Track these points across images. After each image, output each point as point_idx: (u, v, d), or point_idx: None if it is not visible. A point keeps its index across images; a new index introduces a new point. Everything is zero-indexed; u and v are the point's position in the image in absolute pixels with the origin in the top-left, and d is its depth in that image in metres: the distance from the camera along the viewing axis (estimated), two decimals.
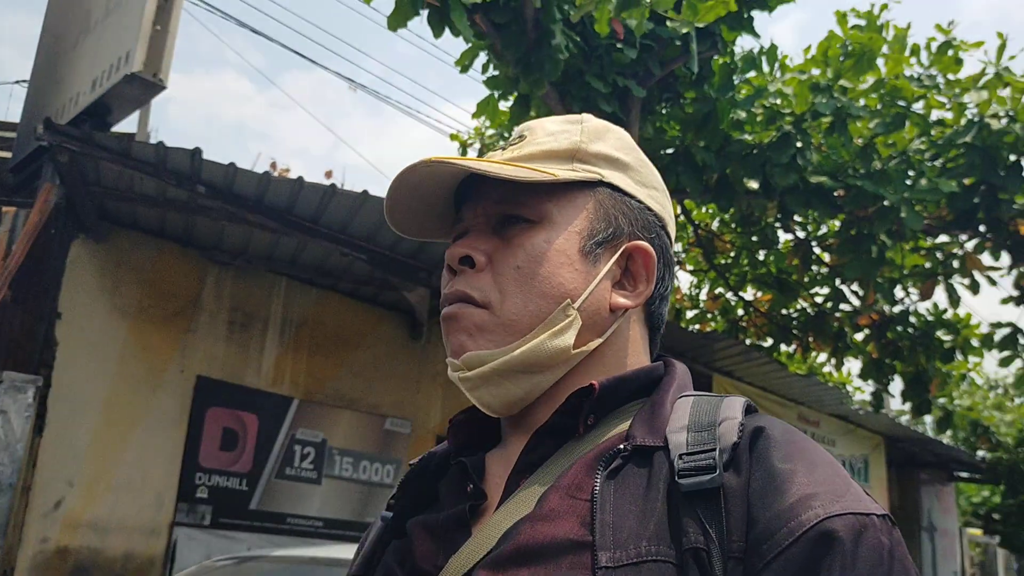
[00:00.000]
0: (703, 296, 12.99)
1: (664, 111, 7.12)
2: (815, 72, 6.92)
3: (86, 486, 6.64)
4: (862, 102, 6.95)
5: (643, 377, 0.91)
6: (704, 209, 10.81)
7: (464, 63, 6.64)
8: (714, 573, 0.72)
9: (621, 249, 0.94)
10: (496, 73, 6.56)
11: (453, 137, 10.74)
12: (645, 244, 0.95)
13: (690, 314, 13.09)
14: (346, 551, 3.98)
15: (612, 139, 0.98)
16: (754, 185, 7.23)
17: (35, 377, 5.88)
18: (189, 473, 7.23)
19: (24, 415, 5.81)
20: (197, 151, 5.74)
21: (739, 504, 0.74)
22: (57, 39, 7.23)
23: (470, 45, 6.36)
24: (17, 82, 9.99)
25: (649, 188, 0.99)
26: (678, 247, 11.63)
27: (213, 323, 7.50)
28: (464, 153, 10.55)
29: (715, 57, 6.35)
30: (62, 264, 6.56)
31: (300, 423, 7.96)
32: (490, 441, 0.96)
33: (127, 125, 7.94)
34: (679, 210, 10.05)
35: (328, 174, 13.45)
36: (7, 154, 8.38)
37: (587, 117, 0.99)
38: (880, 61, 7.20)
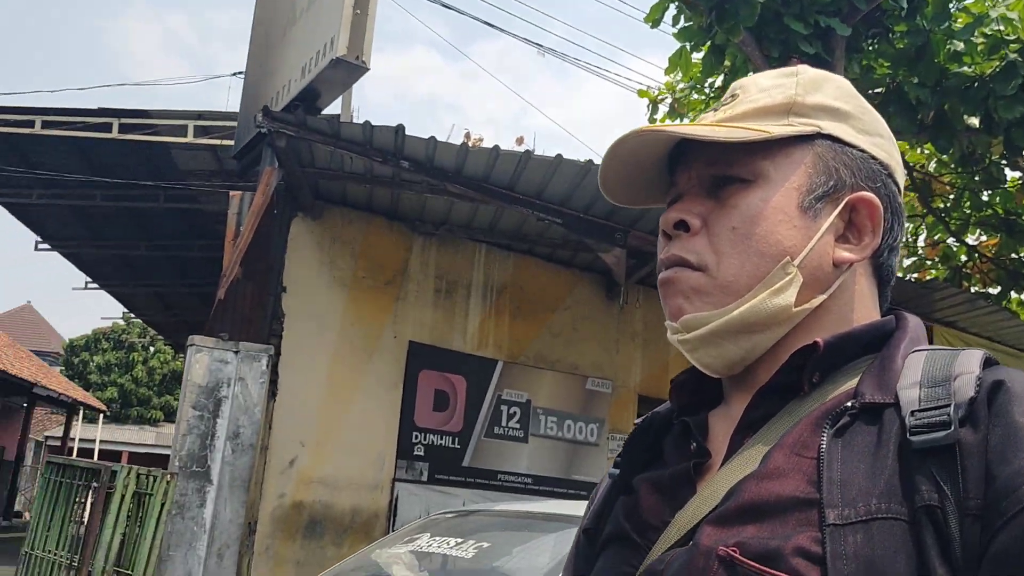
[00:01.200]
0: (921, 243, 12.15)
1: (871, 48, 6.67)
2: None
3: (316, 445, 7.19)
4: None
5: (872, 332, 0.88)
6: (919, 150, 10.07)
7: (654, 17, 6.50)
8: (950, 531, 0.70)
9: (844, 201, 0.90)
10: (688, 24, 6.39)
11: (642, 94, 10.56)
12: (870, 195, 0.91)
13: (907, 262, 12.31)
14: (558, 506, 4.09)
15: (831, 88, 0.94)
16: (975, 121, 6.64)
17: (267, 347, 6.41)
18: (406, 433, 7.66)
19: (259, 381, 6.36)
20: (400, 128, 5.99)
21: (977, 461, 0.71)
22: (267, 31, 7.73)
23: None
24: (234, 74, 10.77)
25: (873, 136, 0.94)
26: None
27: (420, 291, 7.86)
28: (655, 110, 10.37)
29: None
30: (284, 242, 7.07)
31: (505, 384, 8.21)
32: (712, 400, 0.95)
33: (330, 107, 8.41)
34: None
35: (519, 140, 13.65)
36: (229, 142, 9.10)
37: (802, 68, 0.95)
38: None
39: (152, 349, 33.48)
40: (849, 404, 0.80)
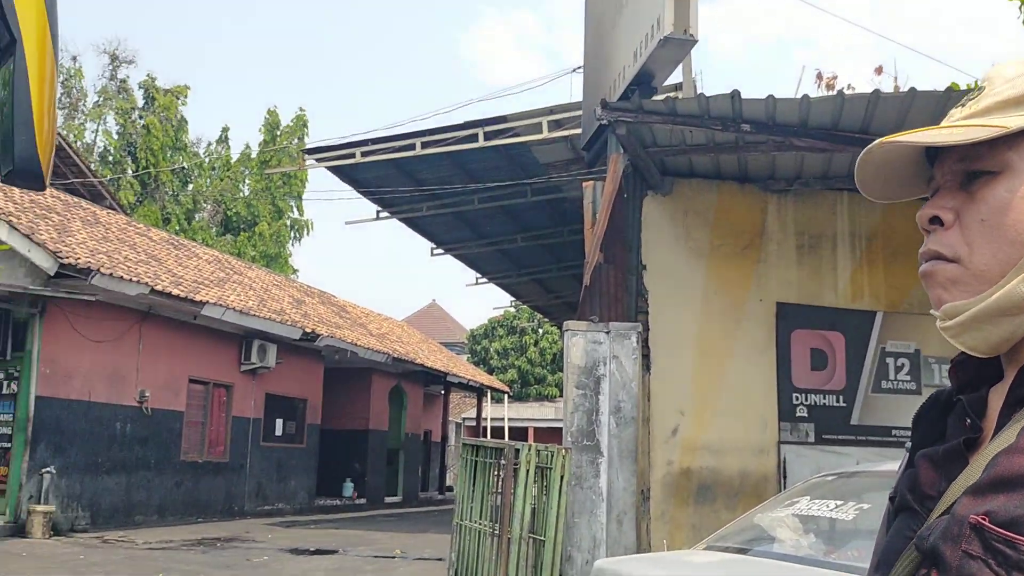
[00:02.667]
0: None
1: None
2: None
3: (695, 413, 7.40)
4: None
5: None
6: None
7: None
8: None
9: None
10: None
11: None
12: None
13: None
14: None
15: None
16: None
17: (635, 324, 6.75)
18: (786, 394, 7.58)
19: (632, 357, 6.72)
20: (735, 93, 5.97)
21: None
22: (598, 23, 8.05)
23: None
24: (574, 70, 11.31)
25: None
26: None
27: (781, 250, 7.72)
28: None
29: None
30: (638, 221, 7.35)
31: (888, 335, 7.77)
32: (993, 377, 0.99)
33: (673, 77, 8.52)
34: None
35: (878, 70, 12.63)
36: (579, 131, 9.60)
37: None
38: None
39: (541, 331, 36.05)
40: None
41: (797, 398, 7.61)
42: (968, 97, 0.98)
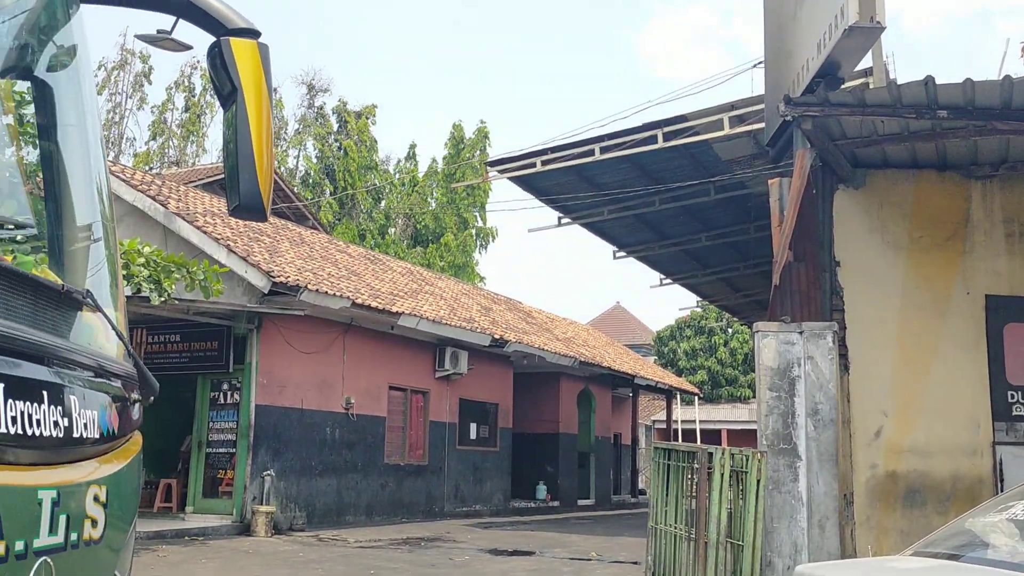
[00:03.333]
0: None
1: None
2: None
3: (898, 414, 7.09)
4: None
5: None
6: None
7: None
8: None
9: None
10: None
11: None
12: None
13: None
14: None
15: None
16: None
17: (830, 323, 6.56)
18: (999, 392, 7.13)
19: (828, 357, 6.53)
20: (929, 80, 5.70)
21: None
22: (779, 16, 7.88)
23: None
24: (755, 64, 11.06)
25: None
26: None
27: (989, 240, 7.26)
28: None
29: None
30: (829, 217, 7.14)
31: None
32: None
33: (862, 63, 8.18)
34: None
35: None
36: (761, 124, 9.40)
37: None
38: None
39: (730, 331, 35.26)
40: None
41: (1013, 396, 7.13)
42: None
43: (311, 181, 31.18)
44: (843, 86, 6.77)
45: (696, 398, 30.18)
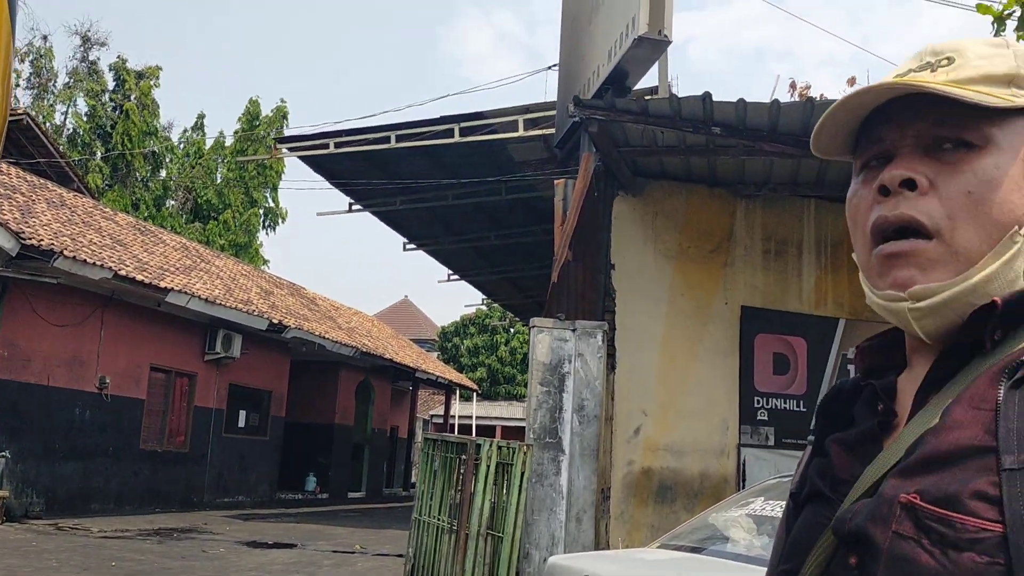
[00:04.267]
0: None
1: None
2: None
3: (658, 414, 7.42)
4: None
5: None
6: None
7: None
8: None
9: None
10: None
11: (983, 9, 9.34)
12: None
13: None
14: None
15: None
16: None
17: (601, 323, 6.75)
18: (747, 398, 7.63)
19: (597, 356, 6.71)
20: (707, 96, 5.98)
21: None
22: (574, 21, 8.05)
23: None
24: (549, 67, 11.29)
25: None
26: None
27: (749, 255, 7.76)
28: (1001, 26, 9.19)
29: None
30: (608, 221, 7.35)
31: (849, 342, 7.83)
32: (898, 364, 0.97)
33: (648, 81, 8.52)
34: None
35: (851, 81, 12.74)
36: (551, 130, 9.59)
37: (1011, 41, 0.94)
38: None
39: (512, 331, 36.06)
40: None
41: (759, 401, 7.65)
42: (930, 63, 0.94)
43: (80, 141, 28.73)
44: (628, 97, 7.00)
45: (475, 394, 30.58)
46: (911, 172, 0.88)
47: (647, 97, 8.47)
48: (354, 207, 16.19)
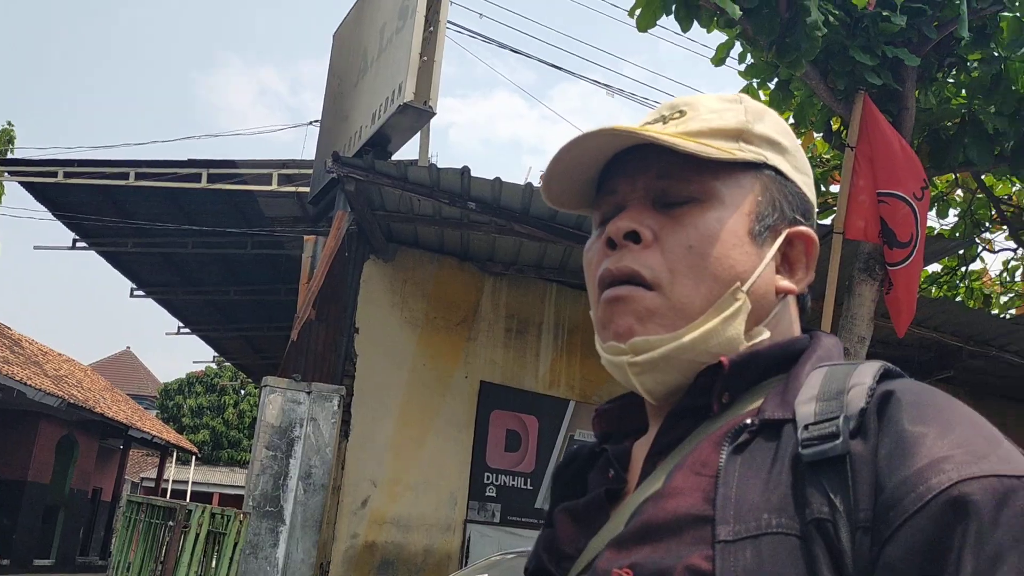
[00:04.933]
0: (1018, 278, 11.63)
1: (946, 78, 6.49)
2: None
3: (388, 485, 7.24)
4: None
5: (780, 350, 0.86)
6: (1012, 183, 9.66)
7: (720, 56, 6.46)
8: (840, 544, 0.68)
9: (784, 234, 0.90)
10: (752, 61, 6.32)
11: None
12: (807, 230, 0.92)
13: (1004, 299, 11.78)
14: None
15: (771, 121, 0.94)
16: None
17: (338, 387, 6.52)
18: (478, 473, 7.65)
19: (331, 421, 6.46)
20: (466, 170, 6.08)
21: (866, 472, 0.69)
22: (341, 80, 7.97)
23: (725, 39, 6.19)
24: (311, 123, 11.13)
25: (803, 174, 0.95)
26: (985, 227, 10.49)
27: (492, 331, 7.89)
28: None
29: (1001, 12, 5.68)
30: (357, 283, 7.21)
31: (577, 424, 8.14)
32: (638, 429, 0.94)
33: (409, 153, 8.59)
34: (976, 185, 9.09)
35: None
36: (306, 188, 9.37)
37: (744, 97, 0.95)
38: None
39: (243, 392, 34.38)
40: (749, 421, 0.79)
41: (489, 477, 7.69)
42: (669, 116, 0.93)
43: None
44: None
45: (194, 457, 28.64)
46: (635, 224, 0.87)
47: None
48: (79, 244, 14.85)
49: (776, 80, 6.42)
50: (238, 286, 15.96)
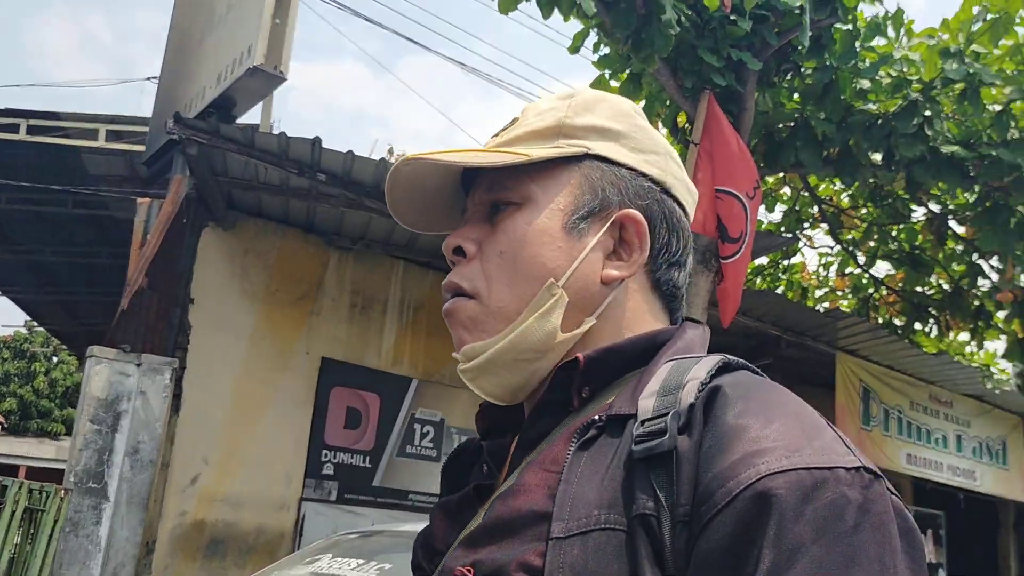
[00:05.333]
0: (832, 274, 12.52)
1: (782, 83, 6.88)
2: (944, 37, 6.51)
3: (221, 462, 6.99)
4: (995, 69, 6.51)
5: (639, 345, 0.88)
6: (832, 184, 10.38)
7: (575, 44, 6.58)
8: (663, 539, 0.69)
9: (611, 219, 0.91)
10: (607, 52, 6.47)
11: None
12: (634, 212, 0.92)
13: (819, 293, 12.66)
14: None
15: (603, 109, 0.95)
16: (877, 157, 6.89)
17: (171, 360, 6.22)
18: (316, 451, 7.51)
19: (162, 395, 6.16)
20: (317, 140, 5.91)
21: (689, 467, 0.71)
22: (184, 36, 7.56)
23: (581, 27, 6.30)
24: (148, 79, 10.51)
25: (646, 153, 0.95)
26: (807, 224, 11.22)
27: (335, 306, 7.74)
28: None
29: (836, 24, 6.07)
30: (194, 252, 6.89)
31: (419, 403, 8.14)
32: (518, 424, 0.95)
33: (250, 117, 8.22)
34: (802, 185, 9.70)
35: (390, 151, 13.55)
36: (141, 147, 8.85)
37: (581, 90, 0.97)
38: (1019, 28, 6.72)
39: (55, 359, 32.24)
40: (597, 417, 0.81)
41: (327, 455, 7.58)
42: (504, 127, 0.97)
43: None
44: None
45: None
46: (458, 240, 0.91)
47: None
48: None
49: (628, 72, 6.61)
50: (56, 247, 14.90)
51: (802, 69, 6.76)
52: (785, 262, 12.25)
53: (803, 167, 6.83)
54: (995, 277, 9.84)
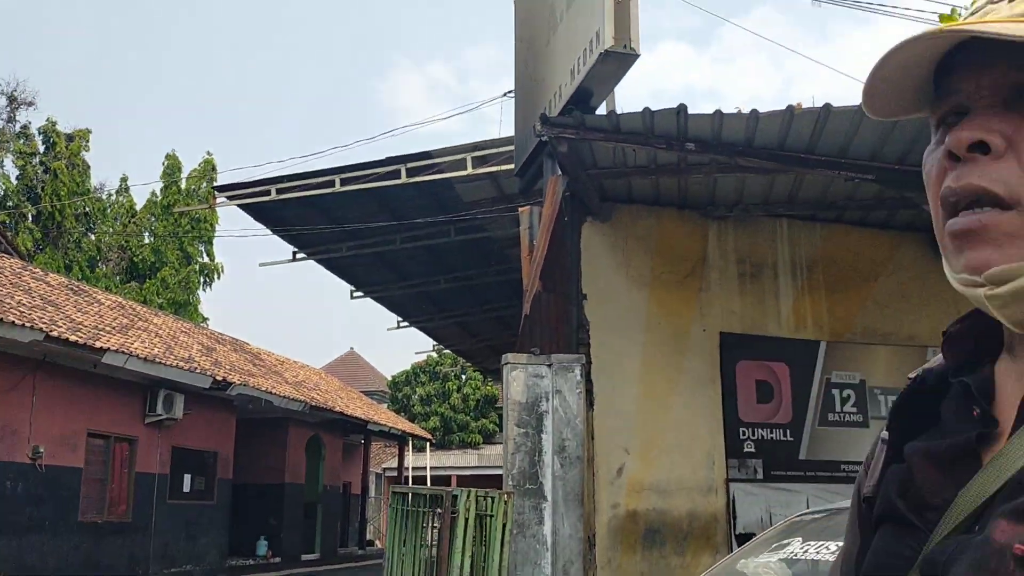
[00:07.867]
0: None
1: None
2: None
3: (640, 451, 6.97)
4: None
5: None
6: None
7: None
8: None
9: None
10: None
11: (944, 19, 9.28)
12: None
13: None
14: None
15: None
16: None
17: (578, 356, 6.31)
18: (732, 429, 7.23)
19: (576, 392, 6.26)
20: (682, 108, 5.66)
21: None
22: (530, 44, 7.71)
23: None
24: (505, 94, 11.00)
25: None
26: None
27: (724, 278, 7.42)
28: None
29: None
30: (578, 249, 6.96)
31: (833, 366, 7.53)
32: (993, 351, 0.81)
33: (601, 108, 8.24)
34: None
35: (798, 106, 12.66)
36: (505, 167, 9.22)
37: None
38: None
39: (464, 377, 35.40)
40: None
41: (744, 432, 7.26)
42: None
43: (8, 203, 27.61)
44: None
45: (428, 444, 29.81)
46: (982, 133, 0.76)
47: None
48: (298, 255, 15.60)
49: None
50: (446, 275, 16.26)
51: None
52: None
53: None
54: None
